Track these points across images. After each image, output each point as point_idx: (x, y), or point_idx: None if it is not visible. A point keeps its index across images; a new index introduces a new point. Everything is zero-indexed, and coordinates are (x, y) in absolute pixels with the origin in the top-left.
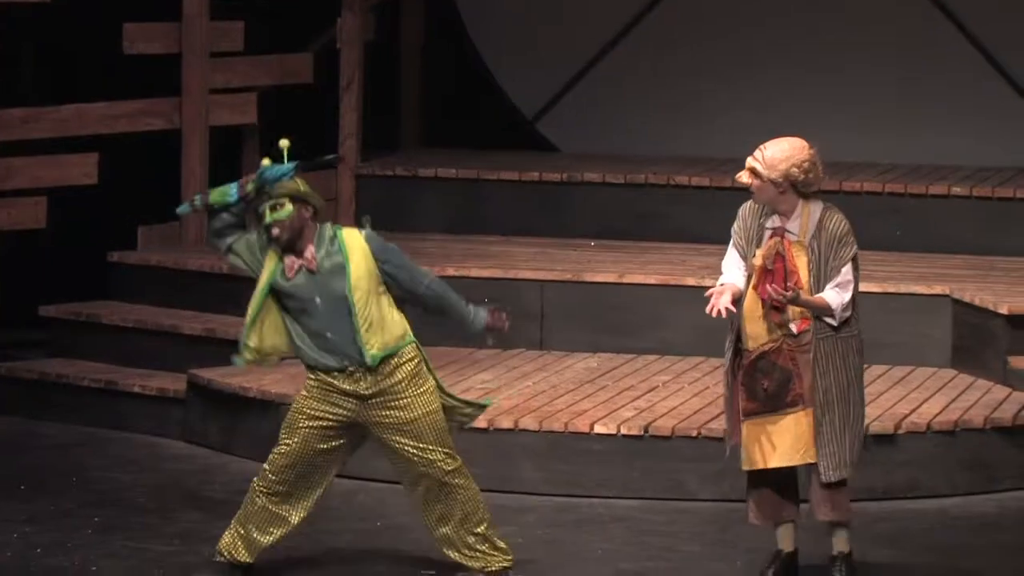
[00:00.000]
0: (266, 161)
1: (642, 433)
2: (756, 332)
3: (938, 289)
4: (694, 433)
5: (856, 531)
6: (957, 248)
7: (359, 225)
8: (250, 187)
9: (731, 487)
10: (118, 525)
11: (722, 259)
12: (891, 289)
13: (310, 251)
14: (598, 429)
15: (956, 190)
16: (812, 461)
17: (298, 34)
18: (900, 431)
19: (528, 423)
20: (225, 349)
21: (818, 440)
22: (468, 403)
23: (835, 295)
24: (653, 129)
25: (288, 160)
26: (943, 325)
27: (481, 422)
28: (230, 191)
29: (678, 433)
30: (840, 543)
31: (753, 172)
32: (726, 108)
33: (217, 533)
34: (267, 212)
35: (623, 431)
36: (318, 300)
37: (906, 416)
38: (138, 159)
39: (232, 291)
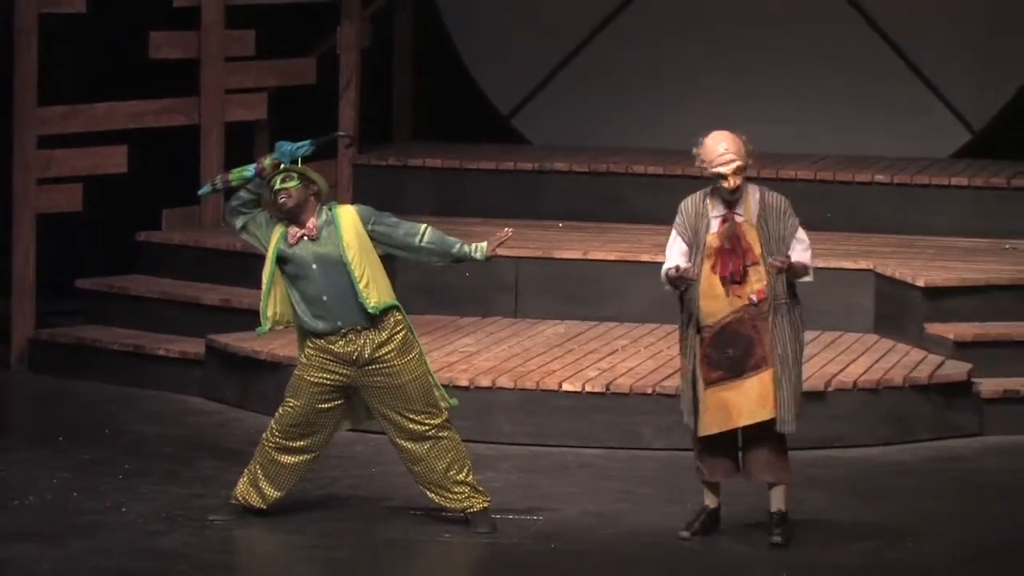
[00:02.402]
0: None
1: (604, 391)
2: (714, 309)
3: (863, 264)
4: (649, 390)
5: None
6: (880, 228)
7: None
8: (267, 161)
9: (681, 438)
10: (145, 472)
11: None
12: (821, 264)
13: (311, 222)
14: (565, 387)
15: (879, 177)
16: (775, 416)
17: (303, 41)
18: (829, 389)
19: (504, 382)
20: (239, 317)
21: (778, 395)
22: (439, 388)
23: (807, 256)
24: (613, 124)
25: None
26: (867, 296)
27: (463, 381)
28: (248, 168)
29: (635, 391)
30: (778, 501)
31: (741, 169)
32: (676, 105)
33: (233, 479)
34: (277, 181)
35: (587, 389)
36: (314, 266)
37: (835, 376)
38: (162, 151)
39: (245, 266)
